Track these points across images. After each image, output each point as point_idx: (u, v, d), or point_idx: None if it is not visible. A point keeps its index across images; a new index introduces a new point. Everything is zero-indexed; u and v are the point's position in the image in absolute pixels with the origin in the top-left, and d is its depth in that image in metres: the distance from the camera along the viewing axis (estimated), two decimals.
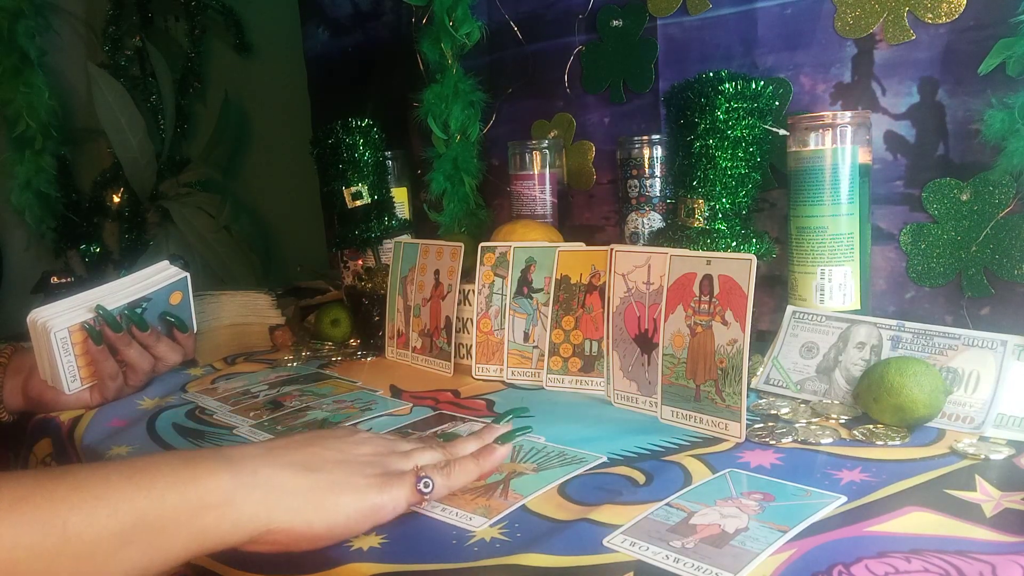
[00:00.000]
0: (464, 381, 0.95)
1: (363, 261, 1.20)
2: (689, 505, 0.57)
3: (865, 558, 0.48)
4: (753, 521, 0.53)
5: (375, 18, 1.48)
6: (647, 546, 0.51)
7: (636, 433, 0.73)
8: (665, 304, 0.76)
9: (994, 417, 0.68)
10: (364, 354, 1.11)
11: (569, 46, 1.17)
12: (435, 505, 0.60)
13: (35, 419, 0.94)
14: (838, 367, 0.79)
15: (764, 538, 0.51)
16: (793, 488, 0.58)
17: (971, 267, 0.84)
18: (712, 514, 0.55)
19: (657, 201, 1.00)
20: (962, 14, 0.82)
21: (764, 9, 0.96)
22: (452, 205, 1.27)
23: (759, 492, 0.58)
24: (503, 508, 0.59)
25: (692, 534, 0.52)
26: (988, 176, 0.82)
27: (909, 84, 0.87)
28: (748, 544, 0.50)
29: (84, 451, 0.84)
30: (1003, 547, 0.49)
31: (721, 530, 0.52)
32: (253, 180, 2.00)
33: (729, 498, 0.57)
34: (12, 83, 1.76)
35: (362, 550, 0.55)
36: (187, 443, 0.81)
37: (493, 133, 1.29)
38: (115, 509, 0.46)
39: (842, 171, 0.83)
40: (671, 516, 0.55)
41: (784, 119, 0.88)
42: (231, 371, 1.09)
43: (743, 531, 0.52)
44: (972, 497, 0.56)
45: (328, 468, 0.56)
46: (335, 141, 1.13)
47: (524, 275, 0.93)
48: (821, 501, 0.56)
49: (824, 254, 0.84)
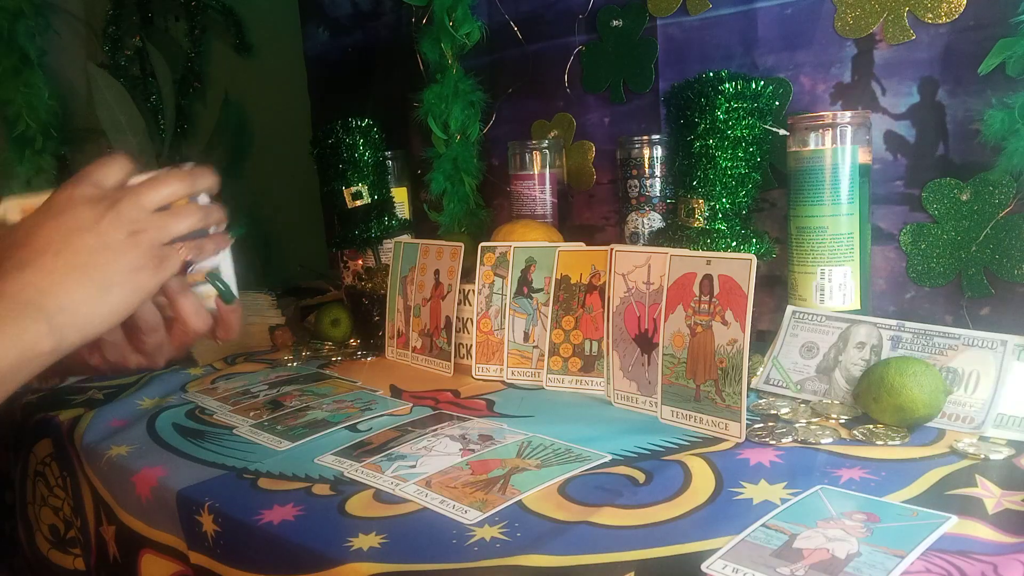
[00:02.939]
0: (464, 381, 0.95)
1: (363, 261, 1.20)
2: (789, 527, 0.53)
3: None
4: (864, 545, 0.50)
5: (375, 18, 1.48)
6: (752, 573, 0.48)
7: (636, 433, 0.73)
8: (665, 304, 0.76)
9: (994, 417, 0.68)
10: (364, 354, 1.11)
11: (569, 46, 1.17)
12: (431, 497, 0.61)
13: (35, 419, 0.94)
14: (838, 367, 0.79)
15: (881, 564, 0.48)
16: (898, 508, 0.55)
17: (971, 267, 0.84)
18: (816, 537, 0.51)
19: (657, 201, 1.00)
20: (962, 14, 0.82)
21: (764, 9, 0.96)
22: (452, 205, 1.27)
23: (861, 512, 0.54)
24: (500, 503, 0.59)
25: (799, 560, 0.49)
26: (988, 176, 0.82)
27: (909, 84, 0.87)
28: (865, 571, 0.47)
29: (84, 451, 0.83)
30: (1005, 547, 0.49)
31: (831, 555, 0.49)
32: (253, 180, 2.00)
33: (830, 519, 0.54)
34: (12, 83, 1.76)
35: (362, 550, 0.55)
36: (187, 443, 0.81)
37: (493, 133, 1.29)
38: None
39: (842, 171, 0.83)
40: (772, 539, 0.52)
41: (784, 119, 0.88)
42: (231, 371, 1.09)
43: (856, 556, 0.49)
44: (973, 496, 0.56)
45: (100, 263, 0.55)
46: (335, 141, 1.13)
47: (524, 275, 0.93)
48: (932, 522, 0.52)
49: (824, 254, 0.84)
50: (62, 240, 0.55)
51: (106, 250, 0.55)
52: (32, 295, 0.52)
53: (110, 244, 0.56)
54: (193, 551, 0.67)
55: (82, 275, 0.54)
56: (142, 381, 1.05)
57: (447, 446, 0.73)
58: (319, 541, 0.58)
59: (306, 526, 0.61)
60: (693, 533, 0.54)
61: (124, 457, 0.79)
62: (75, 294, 0.54)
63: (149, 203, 0.58)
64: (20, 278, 0.53)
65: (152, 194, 0.59)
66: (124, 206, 0.57)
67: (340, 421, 0.82)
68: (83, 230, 0.55)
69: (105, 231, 0.56)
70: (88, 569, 0.87)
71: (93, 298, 0.54)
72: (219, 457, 0.76)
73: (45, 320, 0.52)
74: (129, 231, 0.56)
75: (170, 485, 0.70)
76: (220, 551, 0.65)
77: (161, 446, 0.80)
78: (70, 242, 0.55)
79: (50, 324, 0.52)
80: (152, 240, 0.57)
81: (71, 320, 0.53)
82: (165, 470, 0.74)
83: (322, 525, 0.60)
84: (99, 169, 0.59)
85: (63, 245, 0.54)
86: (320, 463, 0.72)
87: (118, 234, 0.56)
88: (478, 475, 0.65)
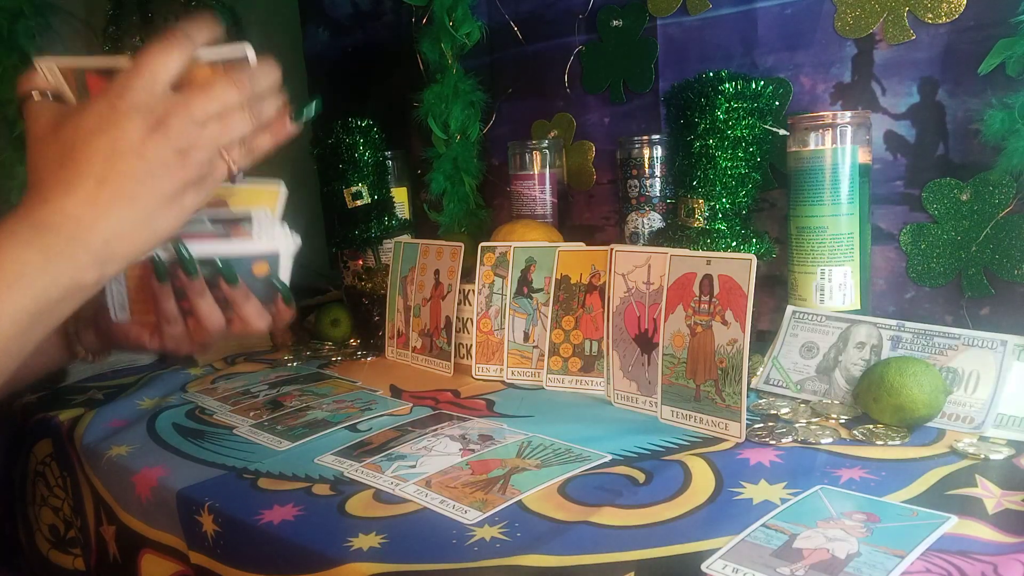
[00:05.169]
0: (464, 381, 0.95)
1: (363, 261, 1.20)
2: (789, 527, 0.53)
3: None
4: (864, 545, 0.50)
5: (375, 18, 1.48)
6: (752, 573, 0.48)
7: (636, 433, 0.73)
8: (665, 304, 0.76)
9: (994, 417, 0.68)
10: (364, 354, 1.11)
11: (569, 46, 1.17)
12: (431, 497, 0.61)
13: (35, 419, 0.94)
14: (838, 367, 0.79)
15: (881, 564, 0.48)
16: (898, 508, 0.55)
17: (971, 267, 0.84)
18: (816, 537, 0.51)
19: (657, 201, 1.00)
20: (962, 14, 0.82)
21: (764, 9, 0.96)
22: (452, 205, 1.27)
23: (861, 512, 0.54)
24: (500, 503, 0.59)
25: (799, 559, 0.49)
26: (988, 176, 0.82)
27: (909, 84, 0.87)
28: (865, 571, 0.47)
29: (84, 451, 0.83)
30: (1005, 547, 0.49)
31: (831, 555, 0.49)
32: None
33: (830, 519, 0.54)
34: (12, 83, 1.76)
35: (362, 550, 0.55)
36: (187, 443, 0.81)
37: (493, 133, 1.29)
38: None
39: (842, 171, 0.83)
40: (772, 539, 0.52)
41: (784, 119, 0.88)
42: (231, 371, 1.09)
43: (855, 556, 0.49)
44: (973, 496, 0.56)
45: (145, 191, 0.53)
46: (335, 141, 1.13)
47: (524, 275, 0.93)
48: (932, 522, 0.52)
49: (824, 254, 0.84)
50: (106, 163, 0.51)
51: (152, 176, 0.53)
52: (75, 229, 0.51)
53: (156, 169, 0.53)
54: (193, 551, 0.67)
55: (127, 205, 0.52)
56: (142, 381, 1.05)
57: (447, 446, 0.73)
58: (319, 541, 0.58)
59: (306, 526, 0.61)
60: (693, 533, 0.54)
61: (124, 457, 0.79)
62: (119, 226, 0.52)
63: (201, 115, 0.54)
64: (63, 208, 0.51)
65: (205, 105, 0.54)
66: (173, 122, 0.53)
67: (340, 421, 0.82)
68: (128, 152, 0.52)
69: (152, 153, 0.52)
70: (88, 569, 0.87)
71: (138, 227, 0.53)
72: (219, 457, 0.76)
73: (89, 253, 0.51)
74: (177, 150, 0.53)
75: (170, 485, 0.70)
76: (220, 551, 0.65)
77: (161, 446, 0.80)
78: (115, 166, 0.51)
79: (94, 256, 0.51)
80: (200, 158, 0.54)
81: (115, 250, 0.52)
82: (165, 470, 0.74)
83: (322, 525, 0.60)
84: (153, 65, 0.54)
85: (107, 170, 0.51)
86: (320, 463, 0.72)
87: (165, 154, 0.53)
88: (478, 475, 0.65)
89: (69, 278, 0.50)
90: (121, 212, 0.52)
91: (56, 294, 0.50)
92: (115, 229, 0.52)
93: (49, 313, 0.50)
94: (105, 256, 0.52)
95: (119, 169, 0.52)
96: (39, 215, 0.51)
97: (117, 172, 0.51)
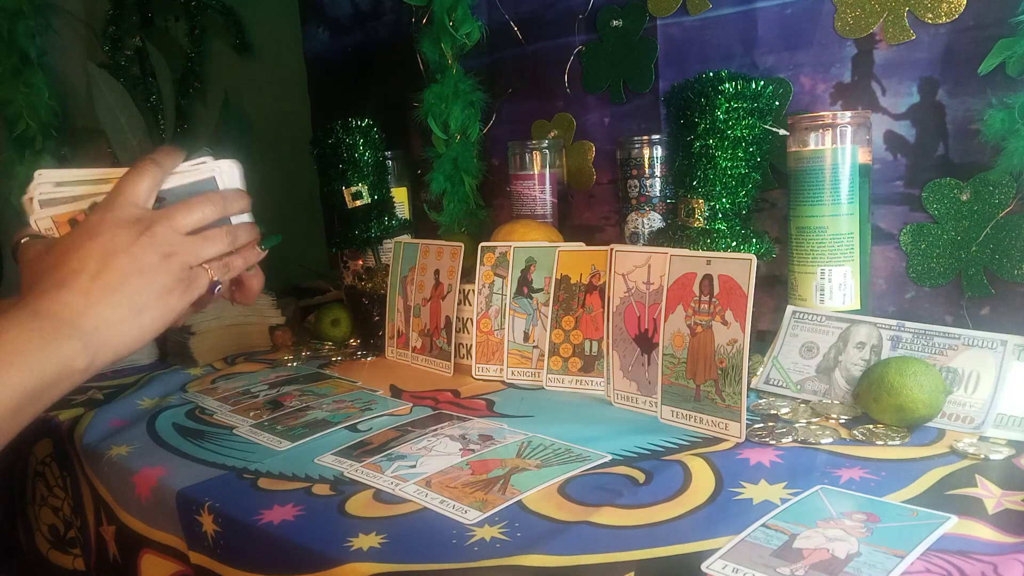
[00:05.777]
0: (464, 381, 0.95)
1: (363, 261, 1.20)
2: (789, 527, 0.53)
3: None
4: (864, 545, 0.50)
5: (375, 18, 1.48)
6: (752, 573, 0.48)
7: (636, 433, 0.73)
8: (665, 304, 0.76)
9: (994, 417, 0.68)
10: (364, 354, 1.11)
11: (569, 46, 1.16)
12: (431, 497, 0.61)
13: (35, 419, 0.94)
14: (838, 367, 0.79)
15: (881, 564, 0.48)
16: (898, 508, 0.55)
17: (971, 267, 0.84)
18: (816, 537, 0.51)
19: (657, 201, 1.00)
20: (962, 14, 0.82)
21: (764, 9, 0.96)
22: (452, 205, 1.27)
23: (861, 512, 0.54)
24: (500, 503, 0.59)
25: (799, 560, 0.49)
26: (988, 176, 0.82)
27: (909, 84, 0.87)
28: (865, 571, 0.47)
29: (84, 451, 0.84)
30: (1005, 547, 0.49)
31: (831, 555, 0.49)
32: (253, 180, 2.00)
33: (830, 519, 0.54)
34: (12, 83, 1.76)
35: (362, 550, 0.55)
36: (187, 443, 0.81)
37: (493, 133, 1.29)
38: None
39: (842, 171, 0.83)
40: (771, 539, 0.52)
41: (784, 119, 0.88)
42: (231, 371, 1.09)
43: (855, 556, 0.49)
44: (973, 496, 0.56)
45: (134, 286, 0.58)
46: (335, 141, 1.13)
47: (524, 275, 0.93)
48: (932, 522, 0.52)
49: (824, 254, 0.84)
50: (99, 262, 0.57)
51: (140, 273, 0.58)
52: (70, 315, 0.55)
53: (144, 267, 0.58)
54: (193, 551, 0.67)
55: (117, 297, 0.57)
56: (142, 381, 1.05)
57: (447, 446, 0.73)
58: (319, 541, 0.58)
59: (306, 526, 0.61)
60: (693, 533, 0.54)
61: (124, 457, 0.79)
62: (110, 315, 0.56)
63: (182, 226, 0.61)
64: (59, 297, 0.55)
65: (185, 218, 0.62)
66: (158, 229, 0.60)
67: (340, 421, 0.82)
68: (119, 252, 0.58)
69: (139, 254, 0.58)
70: (88, 569, 0.87)
71: (127, 319, 0.57)
72: (219, 457, 0.76)
73: (81, 339, 0.55)
74: (162, 254, 0.59)
75: (170, 485, 0.70)
76: (220, 551, 0.65)
77: (161, 446, 0.80)
78: (106, 264, 0.57)
79: (85, 343, 0.55)
80: (183, 263, 0.61)
81: (105, 340, 0.56)
82: (165, 470, 0.74)
83: (322, 525, 0.60)
84: (133, 185, 0.61)
85: (100, 267, 0.57)
86: (320, 463, 0.72)
87: (151, 257, 0.59)
88: (478, 475, 0.65)
89: (62, 359, 0.54)
90: (112, 301, 0.57)
91: (51, 374, 0.53)
92: (106, 317, 0.56)
93: (41, 395, 0.53)
94: (96, 343, 0.56)
95: (112, 265, 0.57)
96: (37, 304, 0.55)
97: (110, 268, 0.57)
